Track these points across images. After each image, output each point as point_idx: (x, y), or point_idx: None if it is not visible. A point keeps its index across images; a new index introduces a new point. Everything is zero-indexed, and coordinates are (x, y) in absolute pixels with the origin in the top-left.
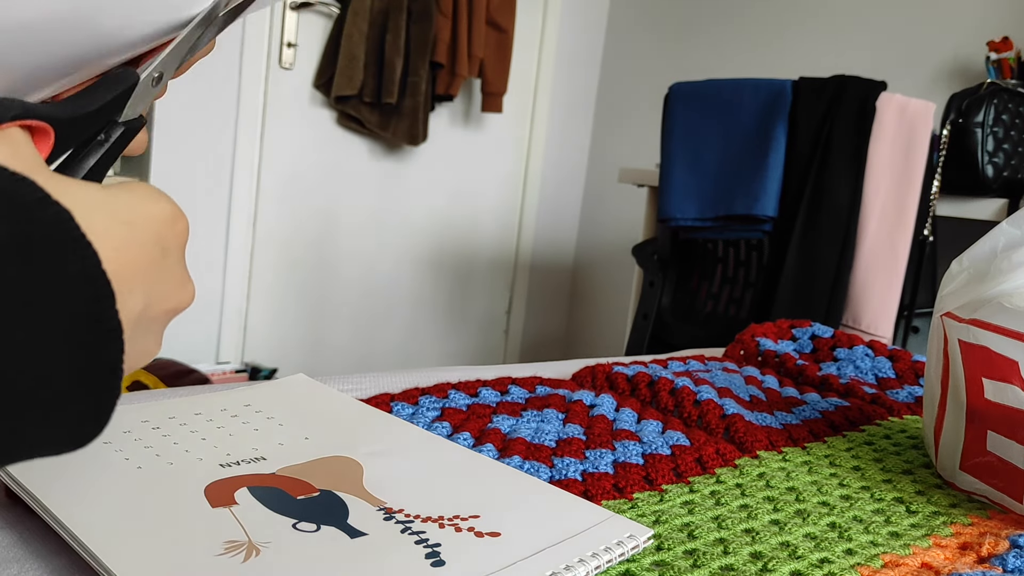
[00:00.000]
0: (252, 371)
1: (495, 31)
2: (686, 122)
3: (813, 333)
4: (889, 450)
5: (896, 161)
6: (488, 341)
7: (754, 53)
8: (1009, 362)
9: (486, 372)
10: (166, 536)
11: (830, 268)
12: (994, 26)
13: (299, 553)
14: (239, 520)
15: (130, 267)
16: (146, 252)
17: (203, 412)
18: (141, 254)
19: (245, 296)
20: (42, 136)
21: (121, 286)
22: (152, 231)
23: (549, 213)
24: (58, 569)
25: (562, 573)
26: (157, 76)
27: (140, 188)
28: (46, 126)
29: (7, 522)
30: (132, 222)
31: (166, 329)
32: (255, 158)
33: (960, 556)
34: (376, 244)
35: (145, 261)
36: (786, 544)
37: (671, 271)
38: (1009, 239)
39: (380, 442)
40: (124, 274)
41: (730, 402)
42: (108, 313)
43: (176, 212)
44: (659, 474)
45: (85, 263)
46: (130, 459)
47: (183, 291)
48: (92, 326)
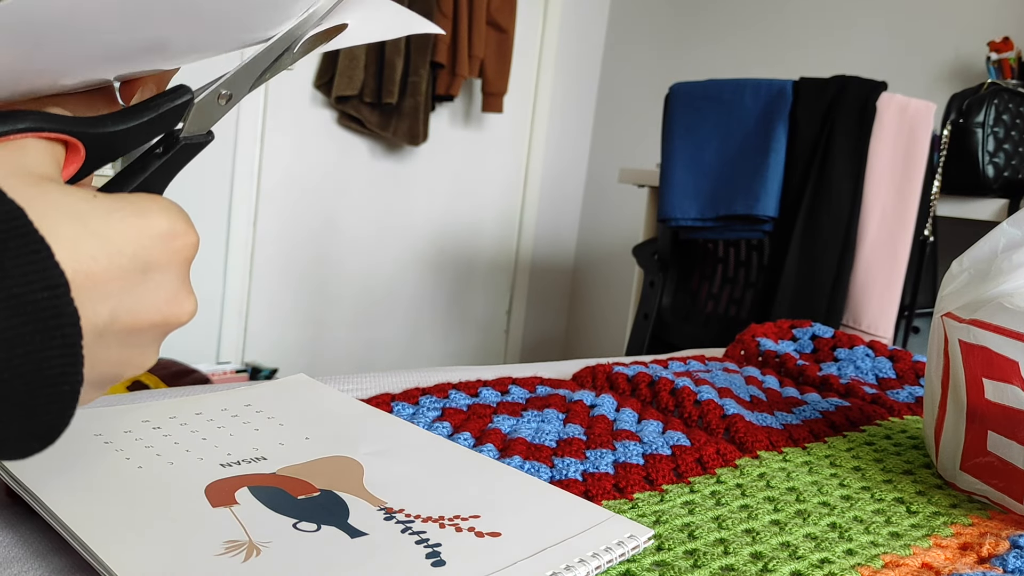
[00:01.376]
0: (253, 371)
1: (495, 31)
2: (686, 122)
3: (813, 333)
4: (889, 450)
5: (896, 161)
6: (488, 341)
7: (754, 53)
8: (1009, 362)
9: (486, 372)
10: (166, 536)
11: (830, 268)
12: (994, 26)
13: (299, 553)
14: (239, 520)
15: (93, 276)
16: (116, 263)
17: (204, 412)
18: (110, 265)
19: (246, 296)
20: (72, 148)
21: (79, 293)
22: (133, 244)
23: (549, 213)
24: (58, 569)
25: (562, 573)
26: (226, 95)
27: (136, 202)
28: (71, 139)
29: (7, 522)
30: (104, 233)
31: None
32: (255, 158)
33: (960, 556)
34: (376, 244)
35: (115, 272)
36: (786, 544)
37: (671, 271)
38: (1009, 239)
39: (381, 442)
40: (83, 282)
41: (730, 402)
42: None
43: (175, 229)
44: (659, 474)
45: (34, 259)
46: (131, 459)
47: (175, 306)
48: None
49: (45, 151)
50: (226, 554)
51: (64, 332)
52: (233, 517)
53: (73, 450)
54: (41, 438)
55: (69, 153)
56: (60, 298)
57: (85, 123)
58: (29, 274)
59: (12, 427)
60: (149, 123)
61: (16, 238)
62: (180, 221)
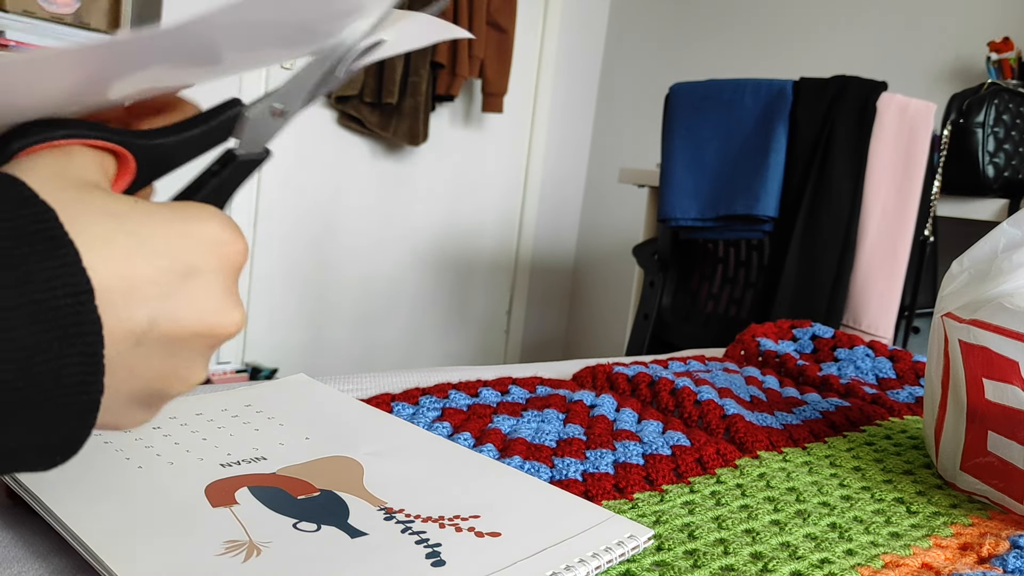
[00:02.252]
0: (253, 371)
1: (496, 31)
2: (687, 122)
3: (814, 333)
4: (890, 450)
5: (897, 161)
6: (488, 341)
7: (755, 53)
8: (1009, 362)
9: (486, 372)
10: (166, 536)
11: (831, 268)
12: (995, 26)
13: (299, 553)
14: (239, 520)
15: (129, 277)
16: (155, 265)
17: (204, 412)
18: (147, 266)
19: (246, 296)
20: (122, 160)
21: (113, 296)
22: (176, 247)
23: (549, 213)
24: (59, 569)
25: (562, 573)
26: (280, 109)
27: (180, 206)
28: (119, 149)
29: (8, 522)
30: (142, 233)
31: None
32: None
33: (960, 556)
34: (376, 244)
35: (154, 274)
36: (786, 544)
37: (671, 271)
38: (1010, 239)
39: (380, 442)
40: (118, 284)
41: (730, 402)
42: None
43: (225, 236)
44: (659, 474)
45: (59, 263)
46: (131, 459)
47: (221, 316)
48: (69, 321)
49: (91, 159)
50: (226, 554)
51: (85, 340)
52: (233, 517)
53: None
54: (60, 450)
55: (120, 165)
56: (83, 305)
57: (133, 135)
58: (53, 279)
59: (29, 438)
60: (200, 136)
61: (43, 241)
62: (228, 227)
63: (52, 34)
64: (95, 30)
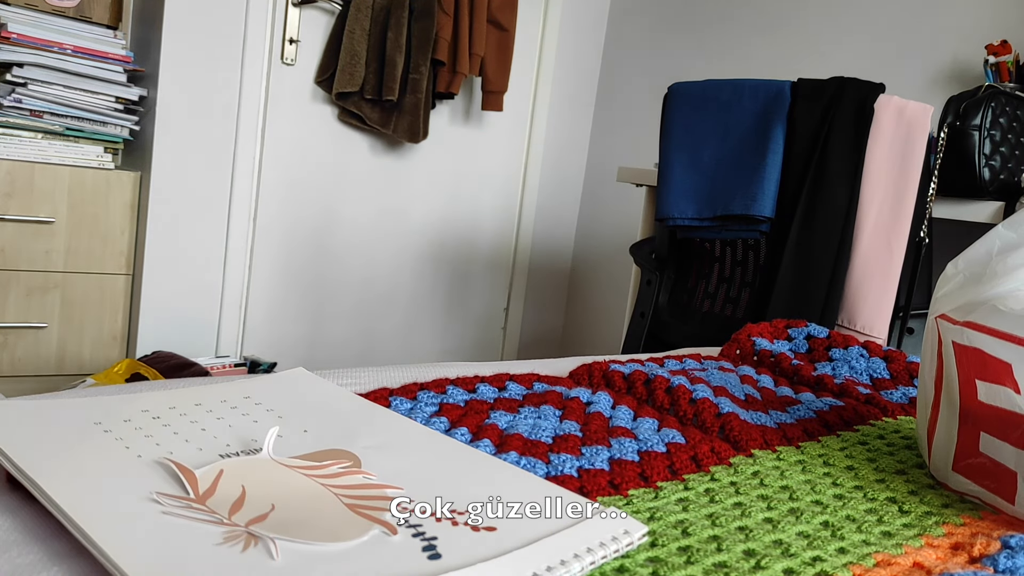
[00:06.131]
0: (251, 365)
1: (496, 29)
2: (685, 122)
3: (809, 333)
4: (883, 450)
5: (893, 163)
6: (486, 338)
7: (753, 54)
8: (1003, 364)
9: (484, 368)
10: (165, 523)
11: (826, 269)
12: (992, 29)
13: (296, 545)
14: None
15: None
16: None
17: (203, 403)
18: None
19: (245, 290)
20: None
21: None
22: None
23: (548, 211)
24: (57, 553)
25: (557, 568)
26: None
27: None
28: None
29: (8, 507)
30: None
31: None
32: (256, 154)
33: (952, 556)
34: (376, 240)
35: None
36: (779, 542)
37: (668, 270)
38: (1004, 242)
39: (378, 436)
40: None
41: (725, 401)
42: None
43: None
44: (654, 471)
45: None
46: (130, 447)
47: None
48: None
49: None
50: (225, 544)
51: None
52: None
53: (72, 438)
54: None
55: None
56: None
57: None
58: None
59: None
60: None
61: None
62: None
63: (54, 27)
64: (97, 24)
